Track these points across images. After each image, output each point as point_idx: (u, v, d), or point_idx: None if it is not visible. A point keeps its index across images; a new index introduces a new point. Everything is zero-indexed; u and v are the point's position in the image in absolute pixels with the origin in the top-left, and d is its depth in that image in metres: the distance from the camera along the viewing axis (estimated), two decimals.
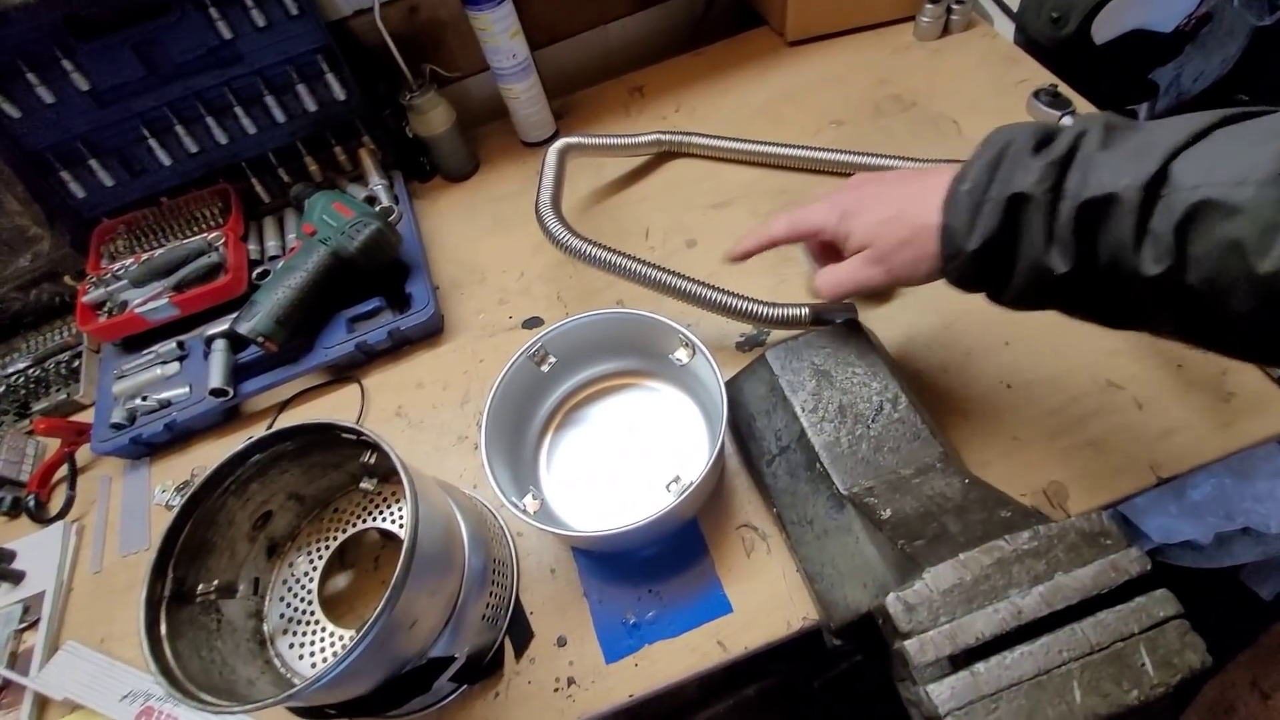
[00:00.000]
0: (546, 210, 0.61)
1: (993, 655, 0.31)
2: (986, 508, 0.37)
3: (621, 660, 0.50)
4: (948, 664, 0.31)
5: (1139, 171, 0.31)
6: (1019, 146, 0.36)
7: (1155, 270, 0.31)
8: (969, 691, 0.30)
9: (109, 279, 0.71)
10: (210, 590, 0.44)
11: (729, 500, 0.56)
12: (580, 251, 0.60)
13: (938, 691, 0.31)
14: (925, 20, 0.83)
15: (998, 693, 0.30)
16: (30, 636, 0.58)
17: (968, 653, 0.31)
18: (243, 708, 0.37)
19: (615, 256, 0.59)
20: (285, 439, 0.46)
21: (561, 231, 0.60)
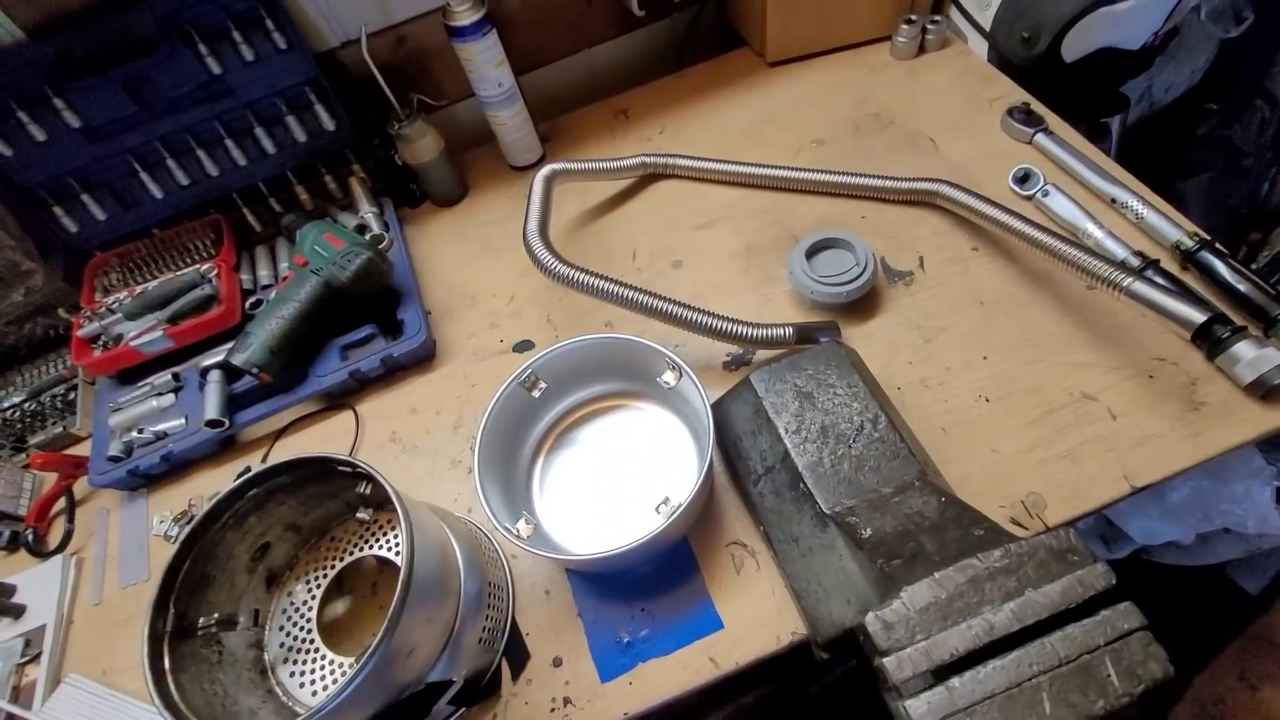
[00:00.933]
0: (534, 238, 0.63)
1: (967, 670, 0.32)
2: (961, 526, 0.39)
3: (616, 679, 0.51)
4: (926, 678, 0.33)
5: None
6: None
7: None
8: (944, 706, 0.32)
9: (103, 312, 0.72)
10: (211, 623, 0.45)
11: (719, 518, 0.57)
12: (567, 278, 0.61)
13: (915, 706, 0.32)
14: (901, 40, 0.86)
15: (971, 706, 0.32)
16: (32, 670, 0.58)
17: (943, 668, 0.33)
18: None
19: (601, 281, 0.60)
20: (281, 473, 0.47)
21: (549, 258, 0.62)
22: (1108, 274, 0.54)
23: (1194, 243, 0.61)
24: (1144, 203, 0.66)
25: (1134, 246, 0.63)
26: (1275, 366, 0.52)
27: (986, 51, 0.85)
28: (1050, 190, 0.69)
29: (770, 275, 0.71)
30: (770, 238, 0.74)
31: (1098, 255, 0.56)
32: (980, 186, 0.68)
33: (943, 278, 0.67)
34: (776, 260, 0.72)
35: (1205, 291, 0.61)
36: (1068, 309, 0.63)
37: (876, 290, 0.67)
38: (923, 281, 0.67)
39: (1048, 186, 0.69)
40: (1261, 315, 0.57)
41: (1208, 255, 0.60)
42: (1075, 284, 0.64)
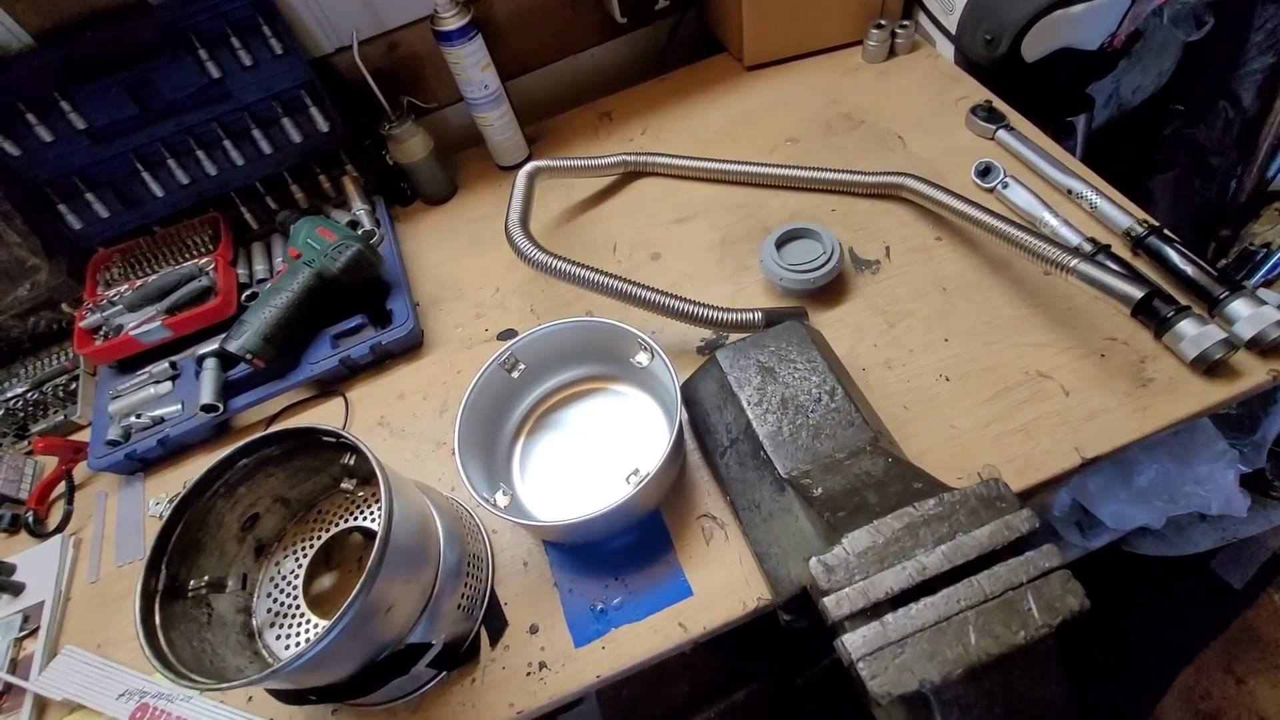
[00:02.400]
0: (515, 228, 0.66)
1: (900, 607, 0.35)
2: (903, 481, 0.41)
3: (590, 644, 0.53)
4: (864, 616, 0.35)
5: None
6: None
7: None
8: (878, 639, 0.34)
9: (104, 304, 0.75)
10: (201, 585, 0.47)
11: (690, 493, 0.59)
12: (547, 266, 0.64)
13: (851, 640, 0.34)
14: (871, 44, 0.89)
15: (903, 639, 0.34)
16: (30, 644, 0.60)
17: (879, 605, 0.35)
18: (226, 685, 0.40)
19: (578, 269, 0.63)
20: (270, 444, 0.50)
21: (529, 247, 0.65)
22: (1056, 256, 0.57)
23: (1144, 229, 0.64)
24: (1098, 193, 0.69)
25: (1088, 234, 0.66)
26: (1216, 342, 0.55)
27: (953, 54, 0.89)
28: (1010, 182, 0.72)
29: (744, 266, 0.74)
30: (744, 231, 0.77)
31: (1050, 241, 0.58)
32: (944, 180, 0.71)
33: (908, 266, 0.70)
34: (750, 252, 0.75)
35: (1155, 276, 0.64)
36: (1025, 294, 0.66)
37: (844, 278, 0.70)
38: (888, 270, 0.70)
39: (1007, 179, 0.72)
40: (1206, 296, 0.60)
41: (1156, 241, 0.63)
42: (1033, 270, 0.67)
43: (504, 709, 0.52)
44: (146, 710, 0.54)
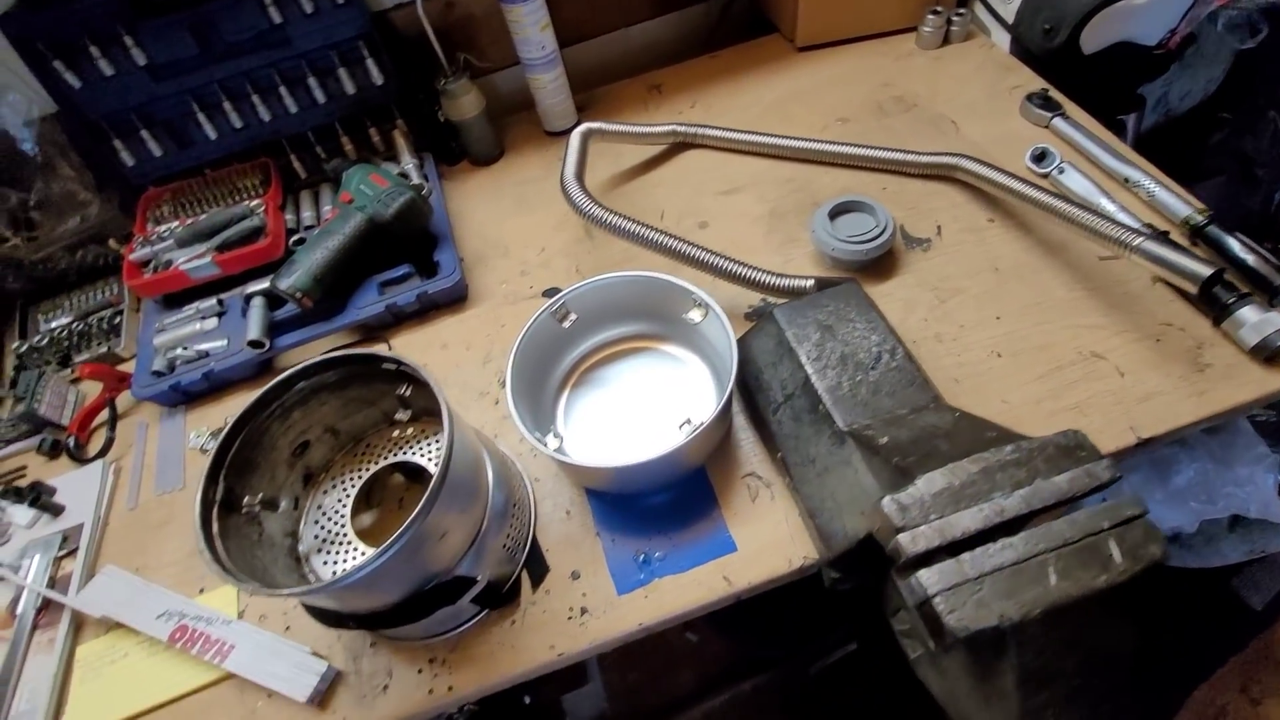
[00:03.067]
0: (572, 183, 0.66)
1: (977, 548, 0.34)
2: (975, 431, 0.41)
3: (632, 593, 0.53)
4: (939, 555, 0.35)
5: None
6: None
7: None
8: (955, 576, 0.34)
9: (155, 240, 0.75)
10: (255, 503, 0.47)
11: (735, 452, 0.59)
12: (602, 220, 0.64)
13: (927, 576, 0.34)
14: (927, 30, 0.89)
15: (981, 577, 0.34)
16: (69, 563, 0.61)
17: (954, 544, 0.35)
18: (283, 592, 0.40)
19: (636, 226, 0.63)
20: (328, 368, 0.50)
21: (586, 201, 0.65)
22: (1120, 235, 0.56)
23: (1203, 218, 0.64)
24: (1156, 182, 0.68)
25: (1145, 221, 0.65)
26: (1278, 330, 0.54)
27: (1009, 44, 0.89)
28: (1066, 168, 0.71)
29: (792, 238, 0.74)
30: (793, 204, 0.77)
31: (1112, 220, 0.58)
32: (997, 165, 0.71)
33: (959, 245, 0.70)
34: (799, 225, 0.75)
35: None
36: (1079, 277, 0.65)
37: (894, 254, 0.70)
38: (939, 248, 0.70)
39: (1063, 164, 0.72)
40: (1266, 286, 0.59)
41: (1216, 230, 0.63)
42: (1087, 255, 0.66)
43: (544, 650, 0.51)
44: (185, 632, 0.54)
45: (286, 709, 0.51)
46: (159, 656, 0.55)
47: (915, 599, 0.34)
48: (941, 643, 0.34)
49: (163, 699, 0.53)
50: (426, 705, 0.51)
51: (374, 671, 0.52)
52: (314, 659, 0.52)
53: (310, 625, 0.55)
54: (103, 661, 0.55)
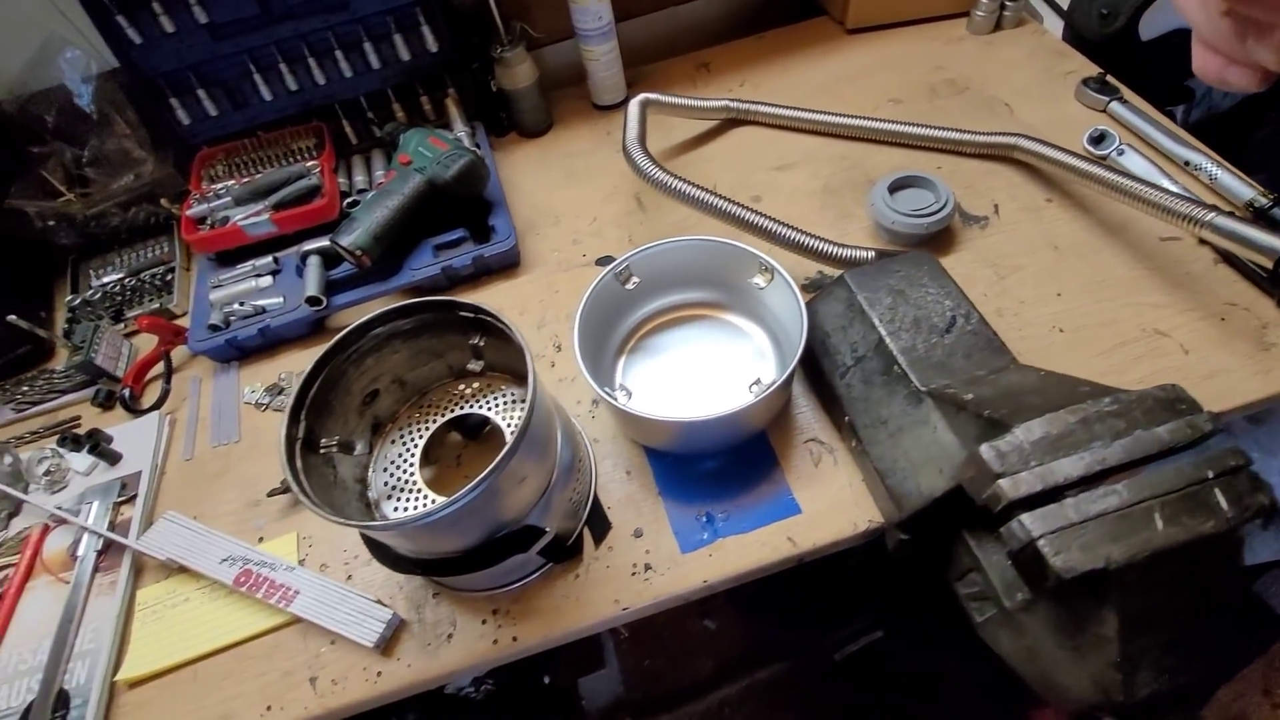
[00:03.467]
0: (635, 147, 0.66)
1: (1079, 493, 0.34)
2: (1066, 386, 0.41)
3: (696, 551, 0.53)
4: (1042, 500, 0.35)
5: None
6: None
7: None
8: (1058, 519, 0.34)
9: (211, 197, 0.75)
10: (332, 444, 0.48)
11: (796, 419, 0.59)
12: (666, 184, 0.64)
13: (1030, 520, 0.34)
14: (979, 15, 0.89)
15: (1085, 521, 0.34)
16: (127, 510, 0.61)
17: (1056, 489, 0.35)
18: (373, 525, 0.40)
19: (700, 191, 0.63)
20: (404, 315, 0.50)
21: (649, 165, 0.65)
22: (1191, 211, 0.56)
23: (1268, 200, 0.64)
24: (1217, 165, 0.68)
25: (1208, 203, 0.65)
26: None
27: (1061, 30, 0.88)
28: (1125, 150, 0.71)
29: (847, 213, 0.74)
30: (847, 181, 0.77)
31: (1181, 196, 0.58)
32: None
33: (1017, 224, 0.70)
34: (853, 200, 0.75)
35: None
36: (1140, 256, 0.65)
37: (951, 231, 0.70)
38: (997, 226, 0.70)
39: (1123, 146, 0.72)
40: None
41: None
42: (1149, 235, 0.66)
43: (609, 604, 0.52)
44: (250, 576, 0.54)
45: (351, 654, 0.52)
46: (220, 601, 0.55)
47: (1016, 543, 0.34)
48: (1042, 586, 0.34)
49: (227, 642, 0.53)
50: (491, 654, 0.51)
51: (437, 621, 0.53)
52: (378, 606, 0.52)
53: (371, 576, 0.56)
54: (163, 605, 0.56)
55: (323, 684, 0.51)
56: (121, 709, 0.52)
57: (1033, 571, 0.34)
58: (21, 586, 0.57)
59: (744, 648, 1.43)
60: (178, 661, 0.53)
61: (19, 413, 0.70)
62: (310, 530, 0.59)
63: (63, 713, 0.51)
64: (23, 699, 0.52)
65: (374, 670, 0.51)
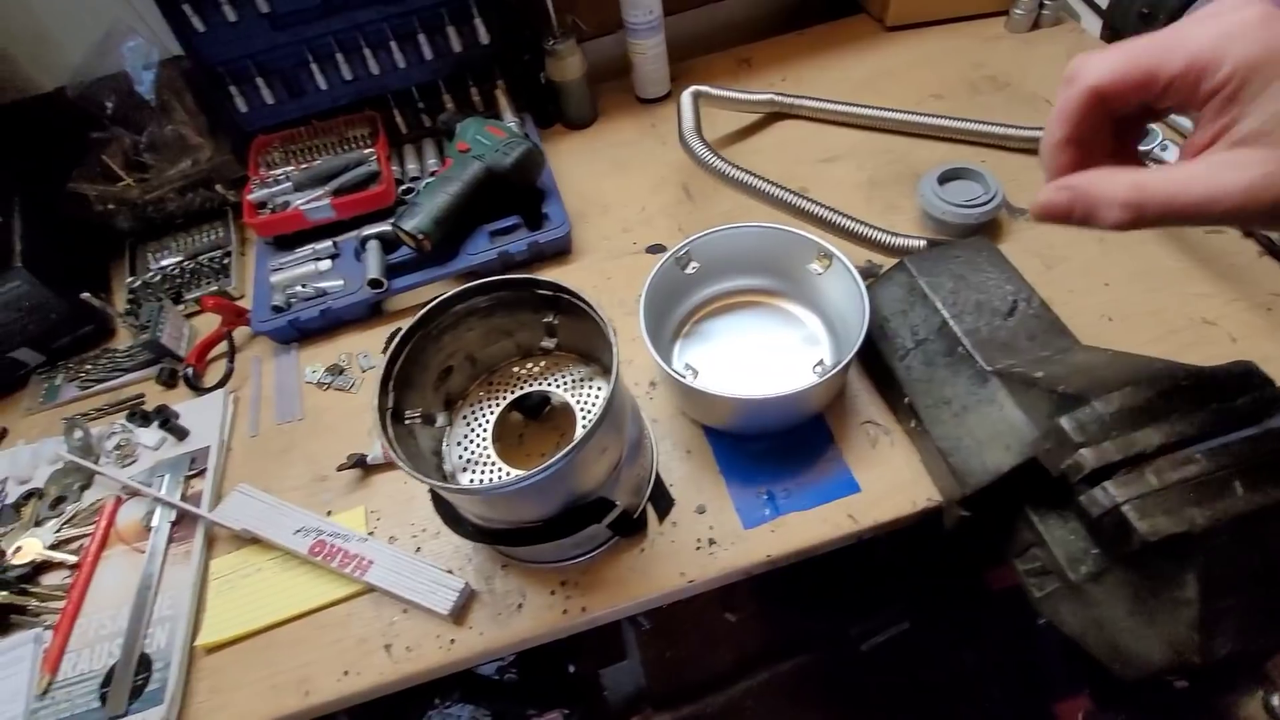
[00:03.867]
0: (692, 135, 0.68)
1: (1160, 462, 0.36)
2: (1139, 363, 0.42)
3: (758, 527, 0.55)
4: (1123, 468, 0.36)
5: None
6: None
7: None
8: (1141, 486, 0.35)
9: (270, 182, 0.77)
10: (416, 416, 0.49)
11: (852, 402, 0.61)
12: (724, 171, 0.66)
13: (1113, 486, 0.35)
14: (1018, 13, 0.91)
15: (1167, 488, 0.35)
16: (197, 483, 0.62)
17: (1139, 457, 0.36)
18: (470, 489, 0.42)
19: (755, 179, 0.65)
20: (482, 292, 0.51)
21: (707, 153, 0.66)
22: None
23: None
24: None
25: None
26: None
27: (1100, 30, 0.90)
28: (1169, 145, 0.73)
29: (893, 205, 0.75)
30: (892, 174, 0.79)
31: None
32: None
33: None
34: (899, 193, 0.76)
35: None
36: (1186, 249, 0.67)
37: (997, 223, 0.72)
38: None
39: (1165, 142, 0.73)
40: None
41: None
42: (1194, 229, 0.68)
43: (675, 577, 0.53)
44: (324, 546, 0.55)
45: (423, 623, 0.53)
46: (293, 571, 0.57)
47: (1098, 509, 0.36)
48: (1122, 552, 0.36)
49: (301, 610, 0.54)
50: (561, 623, 0.52)
51: (507, 591, 0.54)
52: (451, 576, 0.53)
53: (439, 549, 0.57)
54: (236, 575, 0.57)
55: (397, 650, 0.52)
56: (202, 672, 0.53)
57: (1114, 537, 0.36)
58: (98, 555, 0.59)
59: (766, 640, 1.44)
60: (254, 628, 0.54)
61: (83, 390, 0.72)
62: (377, 505, 0.60)
63: (145, 675, 0.52)
64: (104, 662, 0.53)
65: (447, 638, 0.52)
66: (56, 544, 0.60)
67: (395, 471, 0.62)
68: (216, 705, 0.52)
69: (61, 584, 0.58)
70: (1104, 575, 0.42)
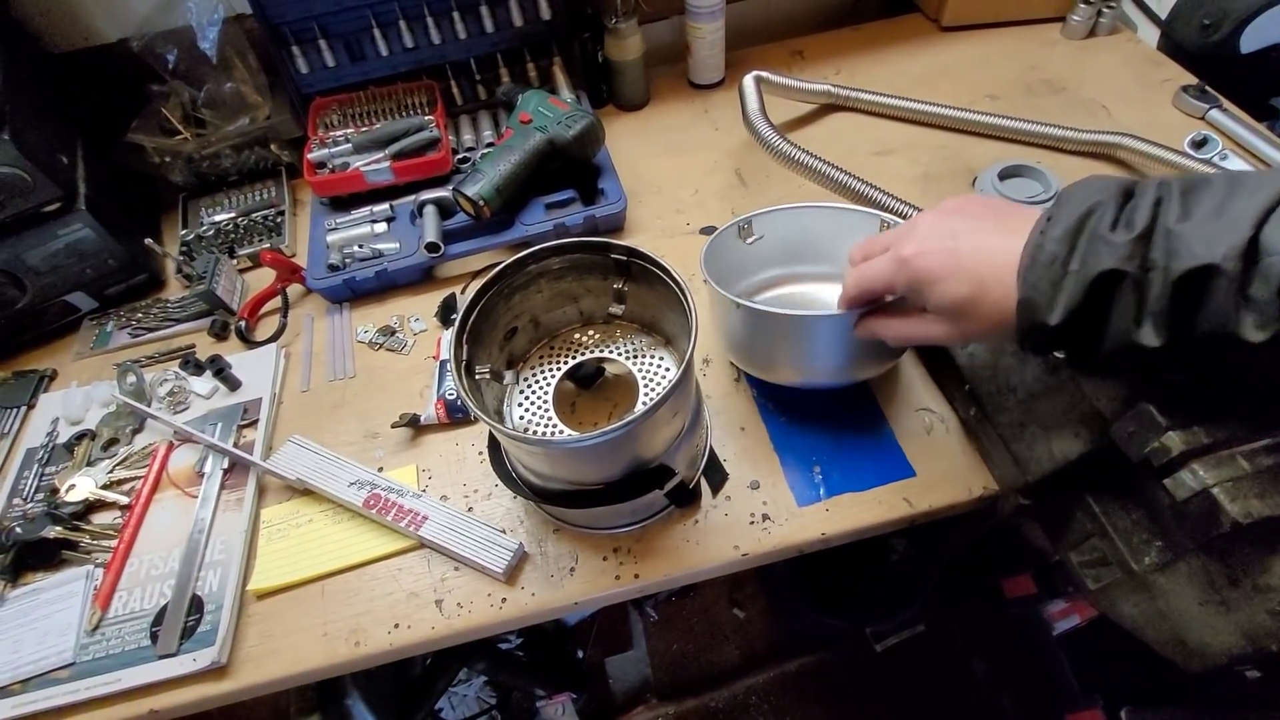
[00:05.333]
0: (758, 117, 0.68)
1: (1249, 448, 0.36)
2: None
3: (813, 505, 0.55)
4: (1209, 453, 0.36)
5: (1232, 240, 0.30)
6: (1099, 216, 0.34)
7: (1260, 337, 0.30)
8: (1232, 469, 0.35)
9: (330, 144, 0.78)
10: (486, 371, 0.49)
11: (907, 388, 0.61)
12: (788, 154, 0.66)
13: (1203, 468, 0.35)
14: (1076, 19, 0.91)
15: (1259, 473, 0.35)
16: (249, 434, 0.63)
17: (1225, 443, 0.36)
18: (548, 441, 0.42)
19: (821, 163, 0.65)
20: (556, 254, 0.51)
21: (772, 135, 0.67)
22: None
23: None
24: None
25: None
26: None
27: (1156, 40, 0.90)
28: (1228, 154, 0.73)
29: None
30: (948, 169, 0.79)
31: None
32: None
33: None
34: (953, 188, 0.76)
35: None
36: None
37: None
38: None
39: (1225, 151, 0.73)
40: None
41: None
42: None
43: (728, 550, 0.53)
44: (379, 500, 0.56)
45: (475, 581, 0.53)
46: (344, 523, 0.57)
47: (1186, 491, 0.36)
48: (1209, 536, 0.36)
49: (353, 562, 0.55)
50: (614, 589, 0.52)
51: (560, 555, 0.54)
52: (505, 536, 0.54)
53: (491, 510, 0.57)
54: (288, 524, 0.57)
55: (449, 606, 0.52)
56: (253, 617, 0.53)
57: (1200, 521, 0.36)
58: (150, 497, 0.59)
59: (773, 638, 1.44)
60: (305, 577, 0.54)
61: (134, 338, 0.72)
62: (429, 463, 0.60)
63: (197, 616, 0.52)
64: (156, 602, 0.54)
65: (499, 597, 0.52)
66: (109, 484, 0.60)
67: (446, 432, 0.62)
68: (267, 650, 0.52)
69: (113, 523, 0.58)
70: (1172, 565, 0.42)
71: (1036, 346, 0.37)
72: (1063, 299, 0.34)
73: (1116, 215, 0.33)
